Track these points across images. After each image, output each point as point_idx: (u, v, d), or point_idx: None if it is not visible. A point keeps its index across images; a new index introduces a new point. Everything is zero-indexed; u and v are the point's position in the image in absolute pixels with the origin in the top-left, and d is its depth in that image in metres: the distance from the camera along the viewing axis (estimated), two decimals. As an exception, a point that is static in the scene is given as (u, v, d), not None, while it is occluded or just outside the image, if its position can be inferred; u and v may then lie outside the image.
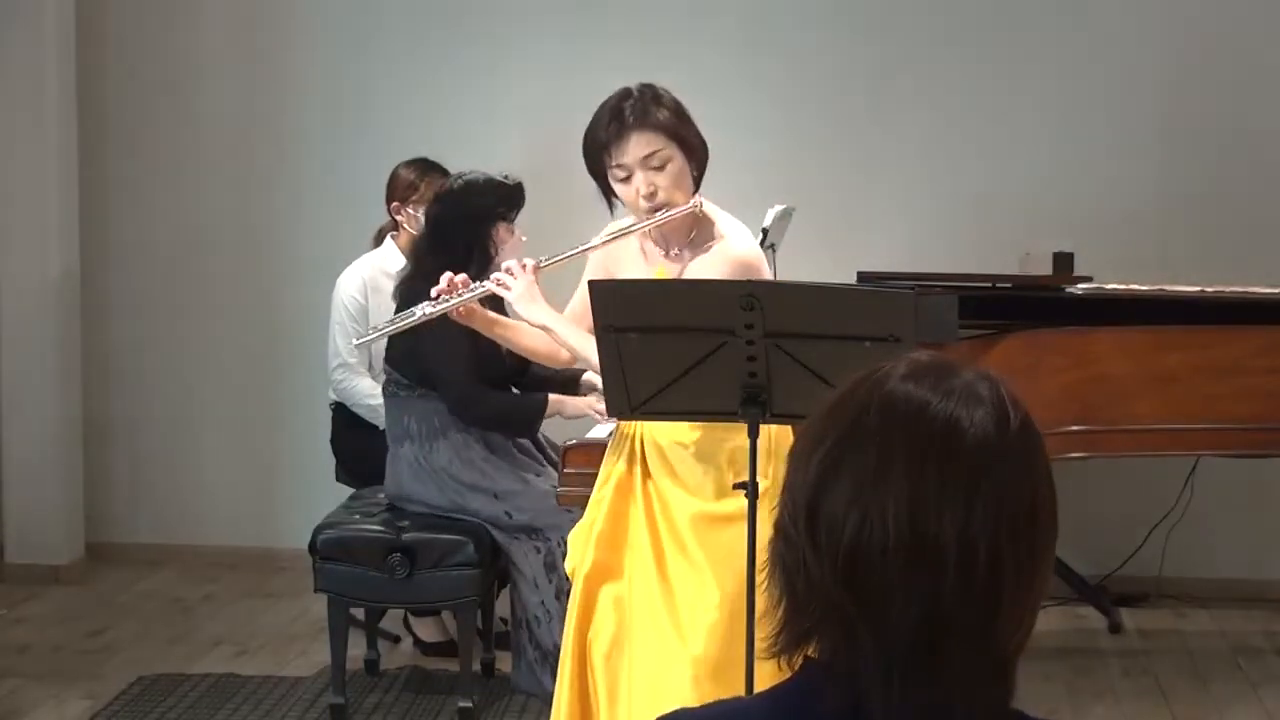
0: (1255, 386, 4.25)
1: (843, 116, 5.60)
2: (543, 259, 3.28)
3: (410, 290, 4.24)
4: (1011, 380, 1.36)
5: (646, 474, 3.19)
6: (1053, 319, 4.39)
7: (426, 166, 5.00)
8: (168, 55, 5.83)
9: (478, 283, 3.32)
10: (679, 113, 3.22)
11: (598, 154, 3.21)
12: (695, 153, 3.23)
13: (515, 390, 4.57)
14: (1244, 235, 5.39)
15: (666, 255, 3.28)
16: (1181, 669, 4.82)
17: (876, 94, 5.56)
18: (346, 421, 4.98)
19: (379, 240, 5.08)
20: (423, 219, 4.86)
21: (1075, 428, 4.17)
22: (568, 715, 3.23)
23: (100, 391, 5.91)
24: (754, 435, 2.89)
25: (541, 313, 3.24)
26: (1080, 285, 4.59)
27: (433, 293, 3.29)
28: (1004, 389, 1.34)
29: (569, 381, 4.68)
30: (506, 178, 4.47)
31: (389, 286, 4.89)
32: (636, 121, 3.16)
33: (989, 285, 4.62)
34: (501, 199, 4.42)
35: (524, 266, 3.25)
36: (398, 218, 5.00)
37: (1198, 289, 4.56)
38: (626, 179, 3.18)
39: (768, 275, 3.33)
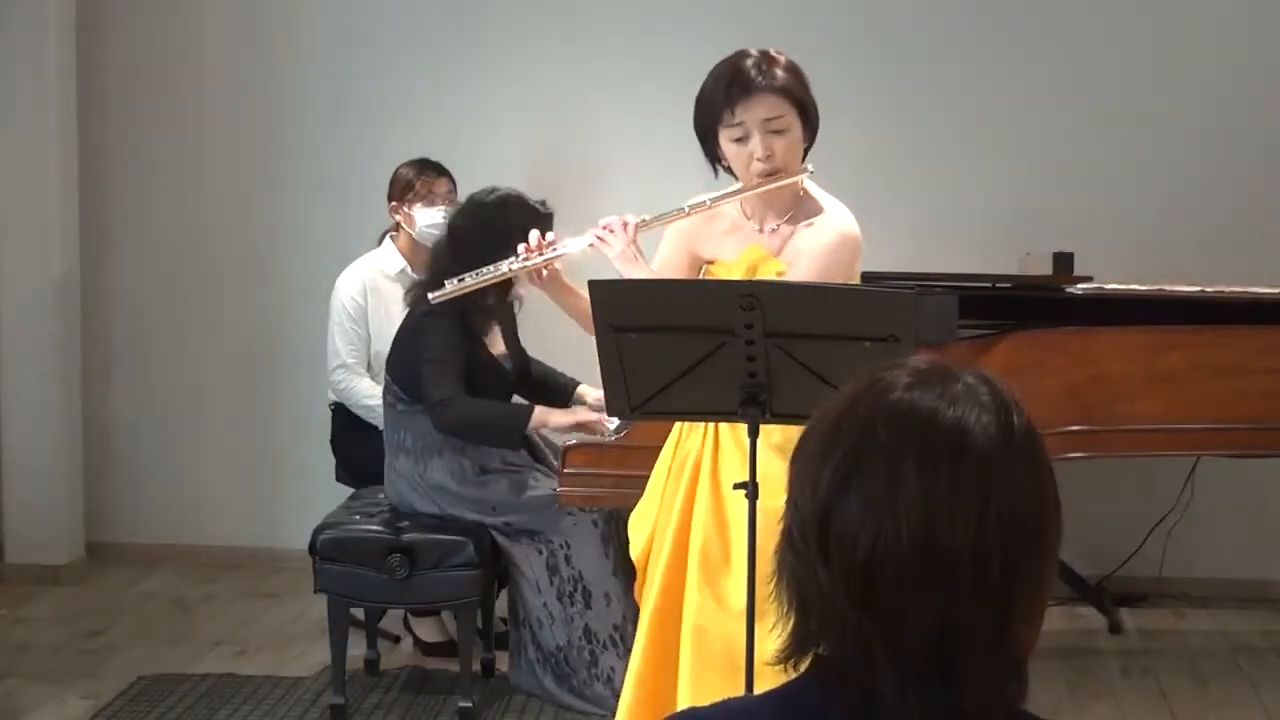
0: (1255, 386, 4.25)
1: (843, 117, 5.56)
2: (645, 217, 3.24)
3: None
4: (1012, 380, 1.37)
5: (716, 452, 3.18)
6: (1053, 319, 4.39)
7: (424, 165, 5.00)
8: (169, 55, 5.82)
9: (572, 239, 3.30)
10: (801, 78, 3.17)
11: (714, 112, 3.14)
12: (810, 123, 3.19)
13: (518, 399, 4.52)
14: (1244, 235, 5.38)
15: (760, 230, 3.24)
16: (1181, 669, 4.82)
17: (876, 94, 5.55)
18: (346, 421, 4.98)
19: (382, 241, 5.08)
20: (420, 219, 4.86)
21: (1075, 428, 4.17)
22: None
23: (100, 391, 5.90)
24: (754, 435, 2.88)
25: (640, 272, 3.21)
26: (1080, 285, 4.59)
27: (520, 250, 3.30)
28: (1004, 390, 1.34)
29: (563, 387, 4.67)
30: (543, 205, 4.30)
31: (388, 287, 4.90)
32: (766, 83, 3.11)
33: (989, 285, 4.62)
34: (533, 227, 4.11)
35: (624, 225, 3.23)
36: (395, 217, 5.00)
37: (1198, 289, 4.56)
38: (742, 139, 3.14)
39: (860, 256, 3.26)
